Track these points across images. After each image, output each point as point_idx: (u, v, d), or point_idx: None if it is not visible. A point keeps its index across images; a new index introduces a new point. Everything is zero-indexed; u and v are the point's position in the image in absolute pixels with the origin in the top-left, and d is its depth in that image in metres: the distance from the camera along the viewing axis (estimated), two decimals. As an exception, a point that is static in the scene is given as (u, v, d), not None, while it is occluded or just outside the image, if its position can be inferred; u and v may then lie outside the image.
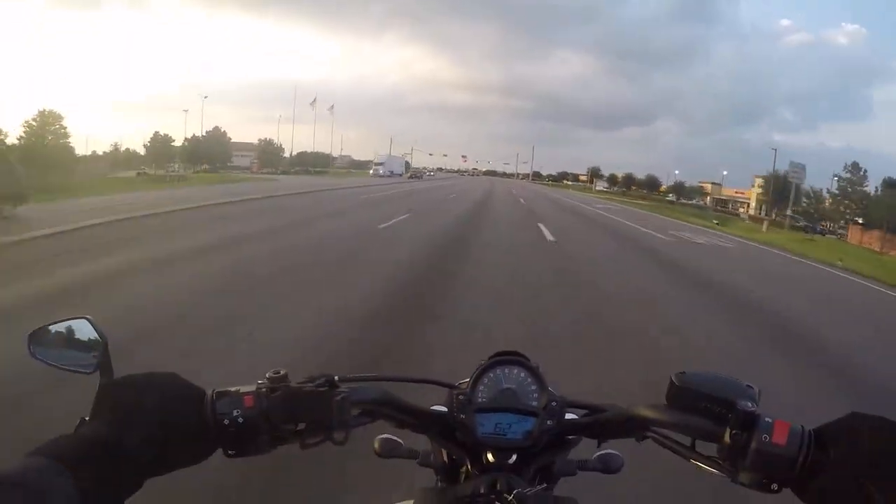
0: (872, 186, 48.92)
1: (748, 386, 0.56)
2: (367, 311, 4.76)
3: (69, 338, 0.60)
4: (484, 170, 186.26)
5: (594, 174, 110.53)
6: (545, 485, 0.65)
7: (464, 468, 0.68)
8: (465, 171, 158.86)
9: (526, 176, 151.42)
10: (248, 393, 0.56)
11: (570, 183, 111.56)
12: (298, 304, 4.90)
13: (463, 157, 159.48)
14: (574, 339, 4.47)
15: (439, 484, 0.73)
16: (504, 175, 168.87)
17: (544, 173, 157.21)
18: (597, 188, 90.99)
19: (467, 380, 0.68)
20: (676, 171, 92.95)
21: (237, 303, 4.82)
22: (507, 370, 0.68)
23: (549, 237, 11.74)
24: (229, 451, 0.55)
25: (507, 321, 4.84)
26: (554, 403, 0.65)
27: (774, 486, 0.51)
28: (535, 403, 0.65)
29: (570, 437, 0.68)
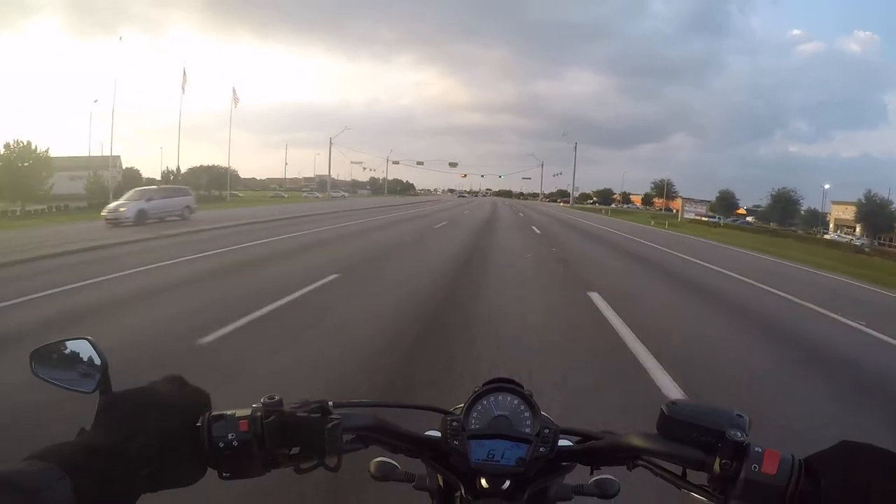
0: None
1: (738, 415, 0.56)
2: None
3: (70, 358, 0.61)
4: (496, 190, 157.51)
5: (668, 194, 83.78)
6: None
7: (458, 493, 0.68)
8: (464, 192, 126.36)
9: (556, 197, 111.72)
10: (243, 417, 0.57)
11: (607, 208, 69.39)
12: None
13: (462, 174, 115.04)
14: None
15: None
16: (520, 196, 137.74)
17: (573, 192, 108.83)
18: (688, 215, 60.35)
19: (461, 405, 0.68)
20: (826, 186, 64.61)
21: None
22: (500, 397, 0.68)
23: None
24: (224, 474, 0.56)
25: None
26: (547, 430, 0.65)
27: None
28: (528, 430, 0.65)
29: (564, 463, 0.68)
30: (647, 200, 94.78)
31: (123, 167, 51.98)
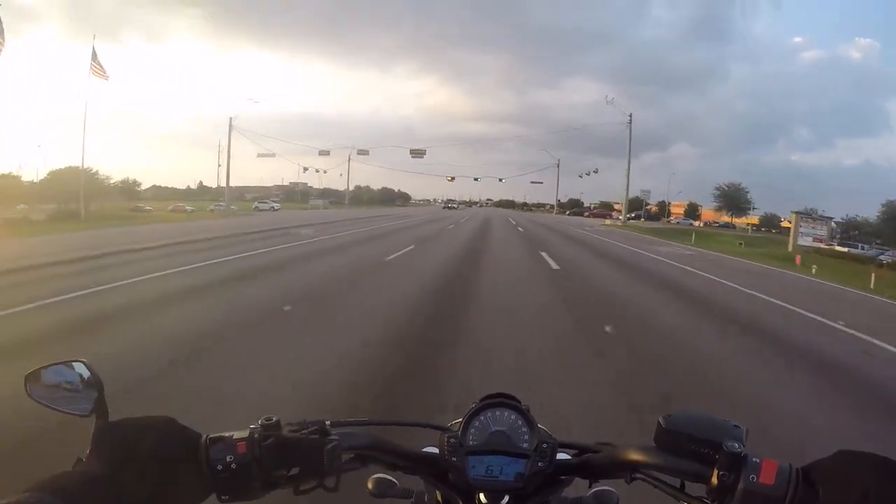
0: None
1: (735, 426, 0.57)
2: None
3: (65, 380, 0.61)
4: (497, 200, 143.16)
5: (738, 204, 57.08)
6: None
7: None
8: (452, 202, 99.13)
9: (603, 210, 77.14)
10: (241, 439, 0.57)
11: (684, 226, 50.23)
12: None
13: (449, 177, 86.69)
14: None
15: None
16: (524, 207, 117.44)
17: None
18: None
19: (458, 421, 0.68)
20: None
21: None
22: (497, 413, 0.69)
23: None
24: (222, 497, 0.56)
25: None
26: (545, 445, 0.65)
27: None
28: (525, 445, 0.66)
29: (562, 477, 0.67)
30: (690, 213, 73.83)
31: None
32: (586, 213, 75.96)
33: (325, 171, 68.92)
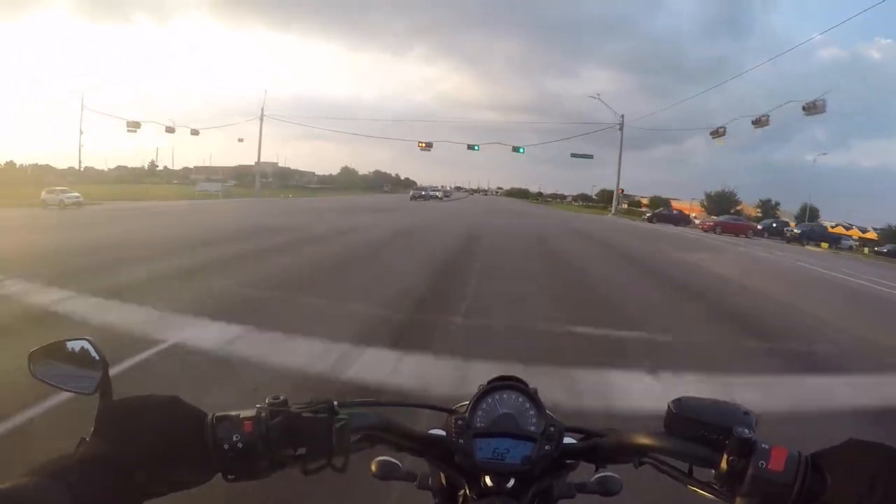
0: None
1: (745, 412, 0.56)
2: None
3: (70, 358, 0.61)
4: (507, 188, 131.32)
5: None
6: None
7: (462, 492, 0.67)
8: (422, 192, 63.32)
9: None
10: (248, 418, 0.56)
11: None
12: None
13: (422, 143, 42.08)
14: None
15: None
16: (539, 198, 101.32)
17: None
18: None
19: (466, 403, 0.68)
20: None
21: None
22: (505, 395, 0.68)
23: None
24: (229, 476, 0.56)
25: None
26: (552, 428, 0.65)
27: None
28: (533, 428, 0.65)
29: (569, 461, 0.67)
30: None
31: None
32: (695, 222, 41.61)
33: (241, 140, 54.16)
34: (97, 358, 0.60)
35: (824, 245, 32.11)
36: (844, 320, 7.46)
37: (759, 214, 55.20)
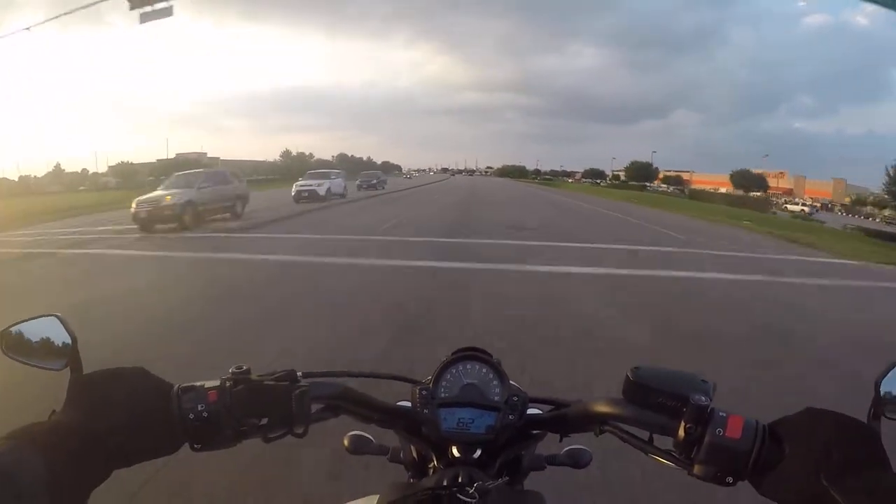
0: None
1: (703, 381, 0.57)
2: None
3: (39, 336, 0.61)
4: (498, 167, 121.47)
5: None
6: (507, 478, 0.66)
7: (431, 463, 0.69)
8: (371, 179, 34.41)
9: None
10: (212, 388, 0.57)
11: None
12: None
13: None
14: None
15: (410, 480, 0.74)
16: (537, 177, 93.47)
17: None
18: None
19: (431, 376, 0.69)
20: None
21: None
22: (468, 366, 0.69)
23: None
24: (195, 445, 0.56)
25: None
26: (515, 398, 0.66)
27: (730, 479, 0.52)
28: (496, 398, 0.66)
29: (534, 431, 0.68)
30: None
31: None
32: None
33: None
34: (66, 334, 0.60)
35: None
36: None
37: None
